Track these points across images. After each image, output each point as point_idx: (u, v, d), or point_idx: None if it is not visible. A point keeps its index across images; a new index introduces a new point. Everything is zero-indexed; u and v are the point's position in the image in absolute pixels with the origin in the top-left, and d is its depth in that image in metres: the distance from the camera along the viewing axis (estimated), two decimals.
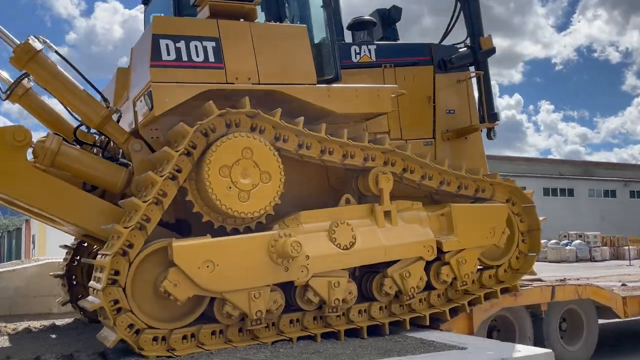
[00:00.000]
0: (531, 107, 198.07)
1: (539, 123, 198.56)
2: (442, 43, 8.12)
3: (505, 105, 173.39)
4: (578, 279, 9.38)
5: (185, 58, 5.33)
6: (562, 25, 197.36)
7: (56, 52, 5.60)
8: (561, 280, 8.73)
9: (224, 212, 5.26)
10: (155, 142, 5.62)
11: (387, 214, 6.15)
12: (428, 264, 6.33)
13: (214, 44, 5.48)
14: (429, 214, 6.47)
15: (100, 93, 5.77)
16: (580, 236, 33.02)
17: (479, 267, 6.88)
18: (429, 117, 7.49)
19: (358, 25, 7.64)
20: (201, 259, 5.03)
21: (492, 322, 6.95)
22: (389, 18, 8.31)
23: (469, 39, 7.92)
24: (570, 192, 49.49)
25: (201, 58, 5.40)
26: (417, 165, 6.41)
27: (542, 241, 7.77)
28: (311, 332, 5.71)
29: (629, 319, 7.94)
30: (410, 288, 6.09)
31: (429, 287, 6.40)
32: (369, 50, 7.32)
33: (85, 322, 7.61)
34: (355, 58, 7.23)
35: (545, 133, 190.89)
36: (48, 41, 5.52)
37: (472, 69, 7.97)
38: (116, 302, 4.89)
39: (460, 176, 6.65)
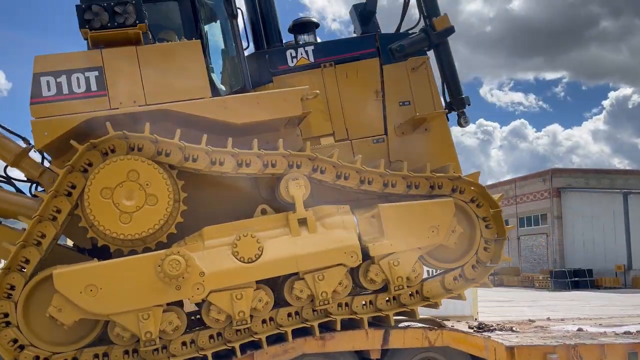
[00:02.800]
0: None
1: None
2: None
3: None
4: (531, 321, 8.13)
5: (66, 91, 5.55)
6: None
7: None
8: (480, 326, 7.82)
9: (106, 235, 5.37)
10: None
11: (304, 222, 5.83)
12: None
13: (97, 73, 5.65)
14: (358, 217, 6.00)
15: (14, 133, 6.19)
16: None
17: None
18: (378, 112, 6.94)
19: (298, 27, 7.34)
20: (83, 283, 5.16)
21: None
22: (364, 11, 7.90)
23: (422, 22, 7.25)
24: None
25: (83, 89, 5.59)
26: (329, 165, 6.00)
27: None
28: (228, 346, 5.59)
29: None
30: (322, 292, 5.67)
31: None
32: (306, 52, 6.98)
33: None
34: (292, 62, 6.95)
35: None
36: None
37: None
38: (6, 315, 5.23)
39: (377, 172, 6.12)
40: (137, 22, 5.72)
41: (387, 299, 6.06)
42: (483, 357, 6.10)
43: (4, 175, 6.37)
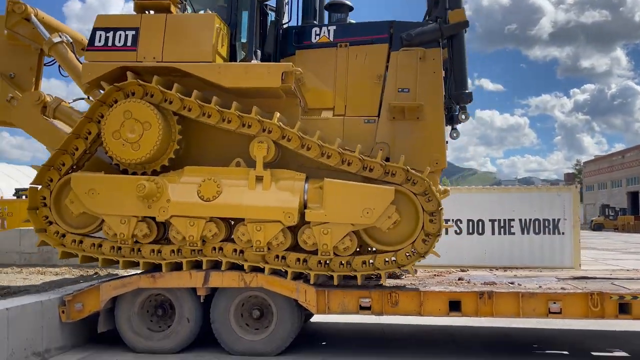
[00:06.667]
0: None
1: None
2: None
3: None
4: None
5: (110, 44, 7.27)
6: None
7: (71, 43, 8.39)
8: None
9: (119, 161, 7.08)
10: None
11: (261, 179, 6.86)
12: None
13: (134, 32, 7.25)
14: (309, 186, 6.82)
15: None
16: None
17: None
18: (376, 95, 7.39)
19: (332, 7, 8.01)
20: (87, 186, 7.04)
21: (160, 298, 7.15)
22: None
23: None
24: None
25: (121, 43, 7.25)
26: (294, 135, 6.82)
27: None
28: (177, 259, 7.07)
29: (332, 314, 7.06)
30: (257, 240, 6.72)
31: None
32: (328, 31, 7.70)
33: None
34: (315, 39, 7.76)
35: None
36: (66, 37, 8.35)
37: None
38: (44, 198, 7.36)
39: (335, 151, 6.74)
40: None
41: (319, 261, 6.85)
42: (294, 297, 6.78)
43: None
